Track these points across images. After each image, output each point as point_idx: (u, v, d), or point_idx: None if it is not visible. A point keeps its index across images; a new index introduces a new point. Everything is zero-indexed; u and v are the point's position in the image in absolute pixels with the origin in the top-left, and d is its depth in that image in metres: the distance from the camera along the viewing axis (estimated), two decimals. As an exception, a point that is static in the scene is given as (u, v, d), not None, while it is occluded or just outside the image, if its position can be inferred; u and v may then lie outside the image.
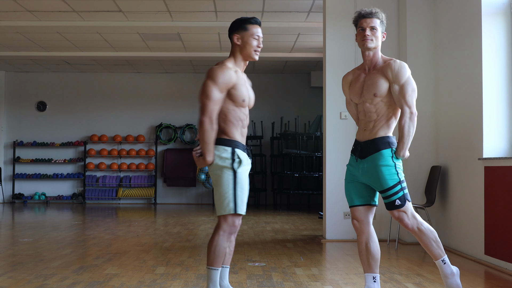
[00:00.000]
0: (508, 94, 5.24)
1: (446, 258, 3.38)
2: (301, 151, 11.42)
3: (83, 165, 13.18)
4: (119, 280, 4.29)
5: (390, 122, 3.42)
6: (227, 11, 8.07)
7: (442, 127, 6.23)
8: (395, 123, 3.46)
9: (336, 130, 6.64)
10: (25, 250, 5.84)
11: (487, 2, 5.27)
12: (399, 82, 3.34)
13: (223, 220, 3.33)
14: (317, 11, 7.99)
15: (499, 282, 4.40)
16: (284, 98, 13.06)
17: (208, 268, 3.33)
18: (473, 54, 5.44)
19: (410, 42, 6.44)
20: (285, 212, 10.83)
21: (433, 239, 3.38)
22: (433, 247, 3.37)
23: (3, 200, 13.08)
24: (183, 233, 7.33)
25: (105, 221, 9.14)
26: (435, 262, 3.41)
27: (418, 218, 3.40)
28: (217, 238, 3.32)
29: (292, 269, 4.82)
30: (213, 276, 3.32)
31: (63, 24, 8.67)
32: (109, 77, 13.32)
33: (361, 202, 3.50)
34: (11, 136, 13.29)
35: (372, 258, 3.46)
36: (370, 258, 3.46)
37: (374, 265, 3.47)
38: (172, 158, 13.09)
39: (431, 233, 3.38)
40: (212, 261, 3.32)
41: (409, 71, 3.38)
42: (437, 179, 6.07)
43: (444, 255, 3.40)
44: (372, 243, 3.47)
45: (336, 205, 6.61)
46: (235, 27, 3.44)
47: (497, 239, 4.97)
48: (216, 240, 3.32)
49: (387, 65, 3.39)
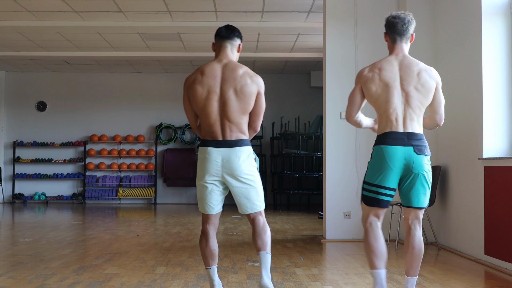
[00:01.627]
0: (508, 94, 5.25)
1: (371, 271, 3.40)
2: (301, 151, 11.42)
3: (83, 165, 13.18)
4: (119, 280, 4.29)
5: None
6: (227, 11, 8.07)
7: (442, 127, 6.21)
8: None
9: (336, 130, 6.64)
10: (25, 250, 5.84)
11: (487, 2, 5.27)
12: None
13: (261, 212, 3.53)
14: (317, 11, 7.99)
15: (499, 282, 4.40)
16: (284, 98, 13.06)
17: (270, 253, 3.49)
18: (473, 54, 5.44)
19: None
20: (285, 212, 10.83)
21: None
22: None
23: (3, 200, 13.08)
24: (183, 233, 7.33)
25: (105, 221, 9.14)
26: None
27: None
28: (268, 226, 3.55)
29: (292, 269, 4.82)
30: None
31: (63, 24, 8.67)
32: (109, 77, 13.32)
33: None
34: (11, 136, 13.29)
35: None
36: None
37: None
38: (172, 158, 13.09)
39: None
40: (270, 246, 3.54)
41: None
42: (437, 179, 6.07)
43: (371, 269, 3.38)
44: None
45: (336, 205, 6.61)
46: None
47: (497, 239, 4.97)
48: (268, 227, 3.55)
49: None
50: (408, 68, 3.35)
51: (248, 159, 3.43)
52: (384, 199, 3.34)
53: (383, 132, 3.36)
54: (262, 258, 3.43)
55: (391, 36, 3.44)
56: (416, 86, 3.33)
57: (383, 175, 3.31)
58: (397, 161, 3.28)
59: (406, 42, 3.44)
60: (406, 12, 3.47)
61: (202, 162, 3.45)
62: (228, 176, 3.41)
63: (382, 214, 3.40)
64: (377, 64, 3.41)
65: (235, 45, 3.58)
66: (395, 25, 3.41)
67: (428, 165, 3.35)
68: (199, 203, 3.54)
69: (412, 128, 3.33)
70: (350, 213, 6.60)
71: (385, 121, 3.35)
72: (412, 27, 3.43)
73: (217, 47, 3.59)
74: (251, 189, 3.45)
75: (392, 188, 3.33)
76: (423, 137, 3.36)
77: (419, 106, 3.36)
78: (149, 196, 13.02)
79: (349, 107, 3.46)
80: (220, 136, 3.41)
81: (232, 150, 3.39)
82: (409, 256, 3.33)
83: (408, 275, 3.35)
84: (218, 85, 3.41)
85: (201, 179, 3.46)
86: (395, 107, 3.31)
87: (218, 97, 3.40)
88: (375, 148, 3.38)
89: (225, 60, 3.52)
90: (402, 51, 3.43)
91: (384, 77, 3.34)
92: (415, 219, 3.37)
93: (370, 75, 3.37)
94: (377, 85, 3.34)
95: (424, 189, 3.34)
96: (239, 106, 3.40)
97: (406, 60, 3.39)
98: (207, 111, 3.41)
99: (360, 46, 6.63)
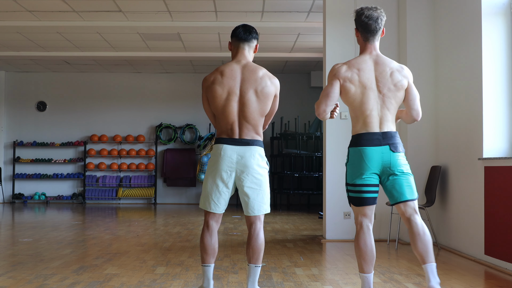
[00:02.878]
0: (508, 94, 5.24)
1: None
2: (301, 151, 11.42)
3: (83, 165, 13.18)
4: (119, 280, 4.29)
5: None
6: (227, 11, 8.07)
7: (442, 127, 6.23)
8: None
9: (336, 130, 6.64)
10: (25, 250, 5.84)
11: (487, 2, 5.27)
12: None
13: (262, 216, 3.52)
14: (317, 11, 7.99)
15: (499, 282, 4.40)
16: (284, 98, 12.96)
17: (260, 265, 3.49)
18: (473, 54, 5.44)
19: (410, 42, 6.43)
20: (285, 212, 10.83)
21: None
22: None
23: (3, 200, 13.08)
24: (183, 233, 7.33)
25: (105, 221, 9.14)
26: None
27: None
28: (263, 234, 3.53)
29: (292, 269, 4.82)
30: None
31: (63, 24, 8.67)
32: (109, 77, 13.32)
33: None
34: (11, 136, 13.29)
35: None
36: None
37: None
38: (172, 158, 13.09)
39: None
40: (261, 258, 3.52)
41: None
42: (437, 179, 6.07)
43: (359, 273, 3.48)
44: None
45: (336, 205, 6.61)
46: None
47: (497, 239, 4.97)
48: (263, 237, 3.53)
49: None
50: (382, 69, 3.40)
51: (261, 160, 3.47)
52: (369, 197, 3.39)
53: (359, 133, 3.40)
54: (250, 270, 3.46)
55: (363, 35, 3.46)
56: (390, 87, 3.38)
57: (363, 175, 3.37)
58: (375, 161, 3.35)
59: (378, 39, 3.48)
60: (378, 9, 3.45)
61: (216, 158, 3.46)
62: (241, 174, 3.43)
63: (372, 213, 3.43)
64: (354, 64, 3.41)
65: (252, 47, 3.61)
66: (369, 26, 3.42)
67: (404, 160, 3.42)
68: (205, 200, 3.51)
69: (387, 127, 3.39)
70: (350, 213, 6.60)
71: (361, 122, 3.39)
72: (383, 23, 3.46)
73: (234, 47, 3.59)
74: (260, 190, 3.46)
75: (374, 184, 3.39)
76: (396, 135, 3.42)
77: (394, 106, 3.42)
78: (149, 196, 13.02)
79: (325, 101, 3.39)
80: (237, 135, 3.45)
81: (248, 148, 3.43)
82: (419, 244, 3.28)
83: (424, 263, 3.28)
84: (238, 86, 3.44)
85: (213, 176, 3.46)
86: (371, 109, 3.36)
87: (238, 98, 3.44)
88: (352, 149, 3.42)
89: (244, 61, 3.53)
90: (375, 49, 3.47)
91: (363, 79, 3.37)
92: (411, 211, 3.37)
93: (349, 74, 3.38)
94: (356, 86, 3.38)
95: (407, 182, 3.38)
96: (258, 108, 3.45)
97: (379, 60, 3.43)
98: (226, 111, 3.45)
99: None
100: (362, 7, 3.48)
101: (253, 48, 3.61)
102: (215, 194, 3.47)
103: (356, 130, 3.41)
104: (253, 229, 3.48)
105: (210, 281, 3.54)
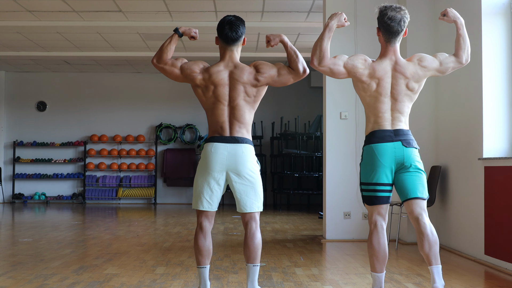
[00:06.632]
0: (508, 94, 5.25)
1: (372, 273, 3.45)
2: (301, 151, 11.42)
3: (83, 165, 13.18)
4: (119, 280, 4.29)
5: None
6: (227, 11, 8.07)
7: (442, 127, 6.23)
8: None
9: (336, 130, 6.65)
10: (25, 250, 5.84)
11: (487, 2, 5.27)
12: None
13: (256, 215, 3.50)
14: (317, 11, 7.99)
15: (499, 282, 4.41)
16: (284, 98, 13.06)
17: (259, 264, 3.49)
18: (473, 54, 5.42)
19: (410, 42, 6.43)
20: (285, 212, 10.83)
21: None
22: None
23: (3, 200, 13.08)
24: (183, 233, 7.33)
25: (105, 221, 9.14)
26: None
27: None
28: (259, 234, 3.51)
29: (292, 269, 4.82)
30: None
31: (63, 24, 8.66)
32: (109, 77, 13.31)
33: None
34: (11, 136, 13.28)
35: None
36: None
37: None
38: (172, 158, 13.09)
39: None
40: (259, 257, 3.52)
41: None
42: (437, 179, 6.07)
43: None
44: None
45: (336, 205, 6.61)
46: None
47: (497, 239, 4.97)
48: (260, 236, 3.51)
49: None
50: (399, 77, 3.39)
51: (252, 157, 3.48)
52: (383, 195, 3.39)
53: (370, 132, 3.43)
54: (248, 270, 3.46)
55: (385, 36, 3.43)
56: (406, 93, 3.41)
57: (377, 173, 3.37)
58: (387, 157, 3.35)
59: (399, 40, 3.46)
60: (402, 10, 3.40)
61: (207, 156, 3.44)
62: (232, 172, 3.43)
63: (386, 212, 3.43)
64: (377, 72, 3.38)
65: (240, 45, 3.56)
66: (391, 28, 3.38)
67: (418, 157, 3.42)
68: (197, 200, 3.50)
69: (399, 126, 3.41)
70: (350, 213, 6.60)
71: (373, 121, 3.43)
72: (406, 24, 3.43)
73: (222, 48, 3.54)
74: (252, 187, 3.46)
75: (388, 183, 3.38)
76: (409, 133, 3.44)
77: (408, 106, 3.45)
78: (149, 196, 13.02)
79: (338, 60, 3.49)
80: (228, 133, 3.45)
81: (239, 146, 3.43)
82: (426, 245, 3.27)
83: (430, 264, 3.26)
84: (227, 93, 3.45)
85: (204, 174, 3.46)
86: (384, 111, 3.40)
87: (227, 103, 3.45)
88: (365, 148, 3.46)
89: (231, 64, 3.50)
90: (395, 53, 3.43)
91: (379, 88, 3.38)
92: (420, 210, 3.36)
93: (368, 80, 3.40)
94: (372, 91, 3.40)
95: (420, 180, 3.39)
96: (249, 106, 3.49)
97: (398, 67, 3.40)
98: (216, 114, 3.47)
99: (360, 46, 6.63)
100: (386, 5, 3.42)
101: (241, 42, 3.55)
102: (207, 192, 3.46)
103: (369, 129, 3.45)
104: (248, 228, 3.49)
105: (207, 282, 3.53)
